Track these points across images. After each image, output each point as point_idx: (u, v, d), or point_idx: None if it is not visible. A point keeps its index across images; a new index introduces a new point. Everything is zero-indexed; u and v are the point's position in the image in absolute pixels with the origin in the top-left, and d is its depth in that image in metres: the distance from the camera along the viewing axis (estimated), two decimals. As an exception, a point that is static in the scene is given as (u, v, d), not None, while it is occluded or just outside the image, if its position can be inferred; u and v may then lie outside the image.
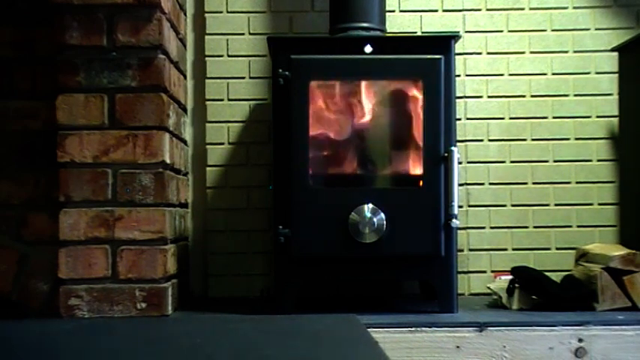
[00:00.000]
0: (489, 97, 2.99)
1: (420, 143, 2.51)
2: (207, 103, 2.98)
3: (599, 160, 2.99)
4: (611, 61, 2.96)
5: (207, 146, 2.98)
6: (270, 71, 2.82)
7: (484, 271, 2.97)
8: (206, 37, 2.98)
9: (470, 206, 2.97)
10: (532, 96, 2.99)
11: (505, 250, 2.98)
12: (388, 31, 2.75)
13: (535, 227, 2.98)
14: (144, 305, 2.41)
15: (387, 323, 2.33)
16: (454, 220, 2.45)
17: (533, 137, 2.99)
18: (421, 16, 3.00)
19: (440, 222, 2.47)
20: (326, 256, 2.48)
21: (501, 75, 2.99)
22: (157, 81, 2.44)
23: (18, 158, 2.56)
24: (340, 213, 2.46)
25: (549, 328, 2.32)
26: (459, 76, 2.89)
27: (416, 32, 2.99)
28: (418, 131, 2.53)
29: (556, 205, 2.98)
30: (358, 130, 2.61)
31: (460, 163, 2.56)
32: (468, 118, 2.98)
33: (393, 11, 2.97)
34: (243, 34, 2.99)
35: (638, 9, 3.00)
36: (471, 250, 2.97)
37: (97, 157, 2.42)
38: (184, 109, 2.93)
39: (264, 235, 2.94)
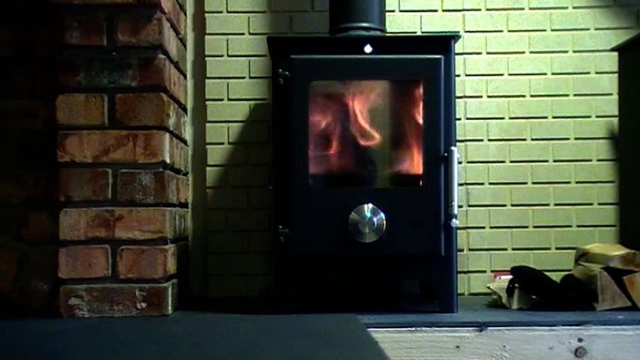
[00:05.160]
0: (489, 97, 2.99)
1: (420, 143, 2.51)
2: (207, 103, 2.98)
3: (599, 160, 2.99)
4: (611, 61, 2.96)
5: (207, 146, 2.98)
6: (270, 71, 2.82)
7: (484, 271, 2.97)
8: (206, 37, 2.98)
9: (470, 206, 2.97)
10: (532, 96, 2.99)
11: (505, 250, 2.97)
12: (388, 31, 2.75)
13: (535, 227, 2.98)
14: (144, 305, 2.41)
15: (387, 323, 2.33)
16: (454, 220, 2.45)
17: (533, 137, 2.98)
18: (421, 16, 3.00)
19: (440, 222, 2.47)
20: (326, 255, 2.49)
21: (501, 75, 2.99)
22: (156, 81, 2.44)
23: (18, 158, 2.56)
24: (340, 213, 2.46)
25: (549, 328, 2.32)
26: (458, 76, 2.89)
27: (416, 32, 2.99)
28: (418, 131, 2.53)
29: (556, 205, 2.98)
30: (358, 130, 2.60)
31: (460, 163, 2.56)
32: (467, 118, 2.98)
33: (393, 11, 2.97)
34: (243, 34, 2.99)
35: (638, 9, 3.00)
36: (471, 250, 2.97)
37: (97, 157, 2.42)
38: (184, 109, 2.92)
39: (264, 235, 2.94)
